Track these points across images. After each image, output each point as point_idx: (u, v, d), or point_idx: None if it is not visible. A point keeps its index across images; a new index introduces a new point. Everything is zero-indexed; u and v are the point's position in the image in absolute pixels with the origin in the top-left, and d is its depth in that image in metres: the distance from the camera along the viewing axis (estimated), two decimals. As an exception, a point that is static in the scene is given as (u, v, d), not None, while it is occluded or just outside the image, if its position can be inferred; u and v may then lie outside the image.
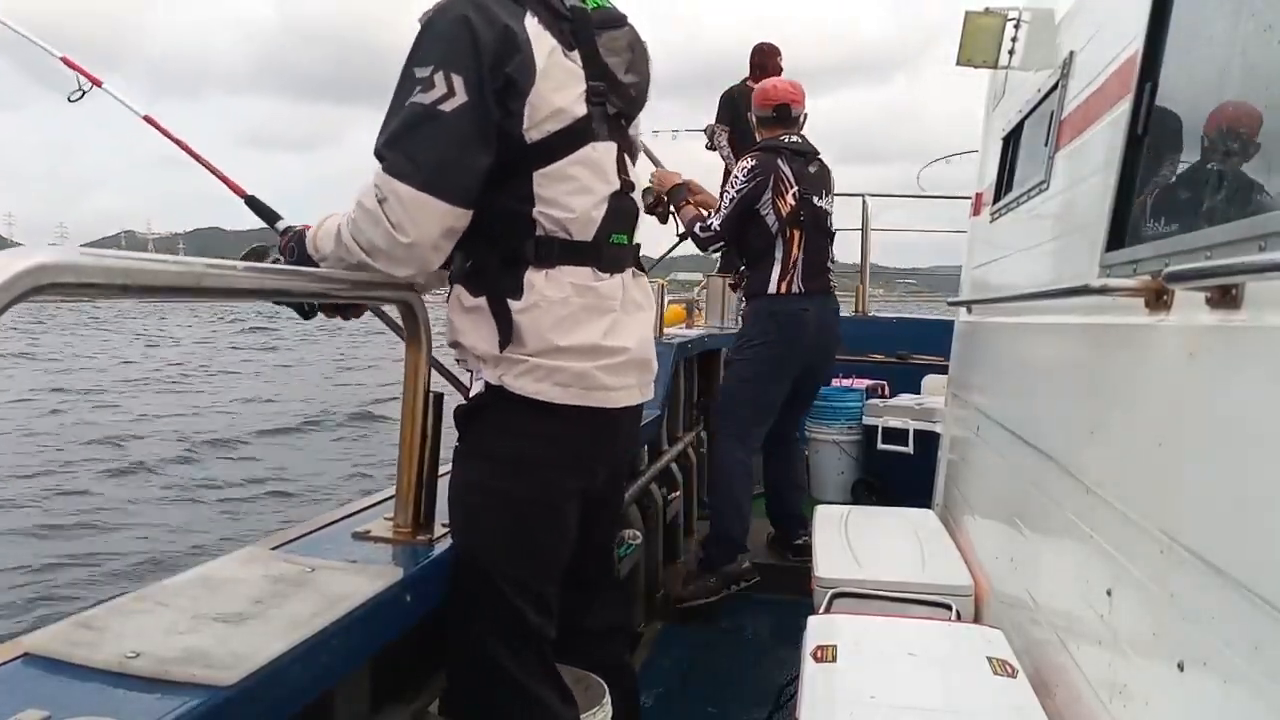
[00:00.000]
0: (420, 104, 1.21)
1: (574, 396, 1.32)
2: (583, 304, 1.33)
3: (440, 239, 1.26)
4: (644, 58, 1.47)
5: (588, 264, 1.34)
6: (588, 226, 1.34)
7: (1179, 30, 1.37)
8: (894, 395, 4.78)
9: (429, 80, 1.21)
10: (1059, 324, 1.78)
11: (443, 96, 1.21)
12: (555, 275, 1.31)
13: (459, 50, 1.22)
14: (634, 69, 1.43)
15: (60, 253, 0.76)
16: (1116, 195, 1.45)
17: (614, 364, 1.36)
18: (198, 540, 6.48)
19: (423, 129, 1.22)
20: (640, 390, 1.45)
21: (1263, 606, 0.84)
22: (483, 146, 1.24)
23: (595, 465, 1.45)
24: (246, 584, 1.14)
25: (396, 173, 1.21)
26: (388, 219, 1.22)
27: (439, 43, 1.23)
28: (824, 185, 3.52)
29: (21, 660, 0.89)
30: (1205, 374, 1.05)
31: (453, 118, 1.21)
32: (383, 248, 1.24)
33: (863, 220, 5.82)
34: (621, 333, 1.38)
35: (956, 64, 2.63)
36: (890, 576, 2.23)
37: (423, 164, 1.21)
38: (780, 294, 3.34)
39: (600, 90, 1.34)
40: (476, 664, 1.36)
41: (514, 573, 1.35)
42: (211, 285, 0.99)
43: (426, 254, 1.26)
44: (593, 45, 1.35)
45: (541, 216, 1.31)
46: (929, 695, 1.53)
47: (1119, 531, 1.26)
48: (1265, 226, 0.90)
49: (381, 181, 1.22)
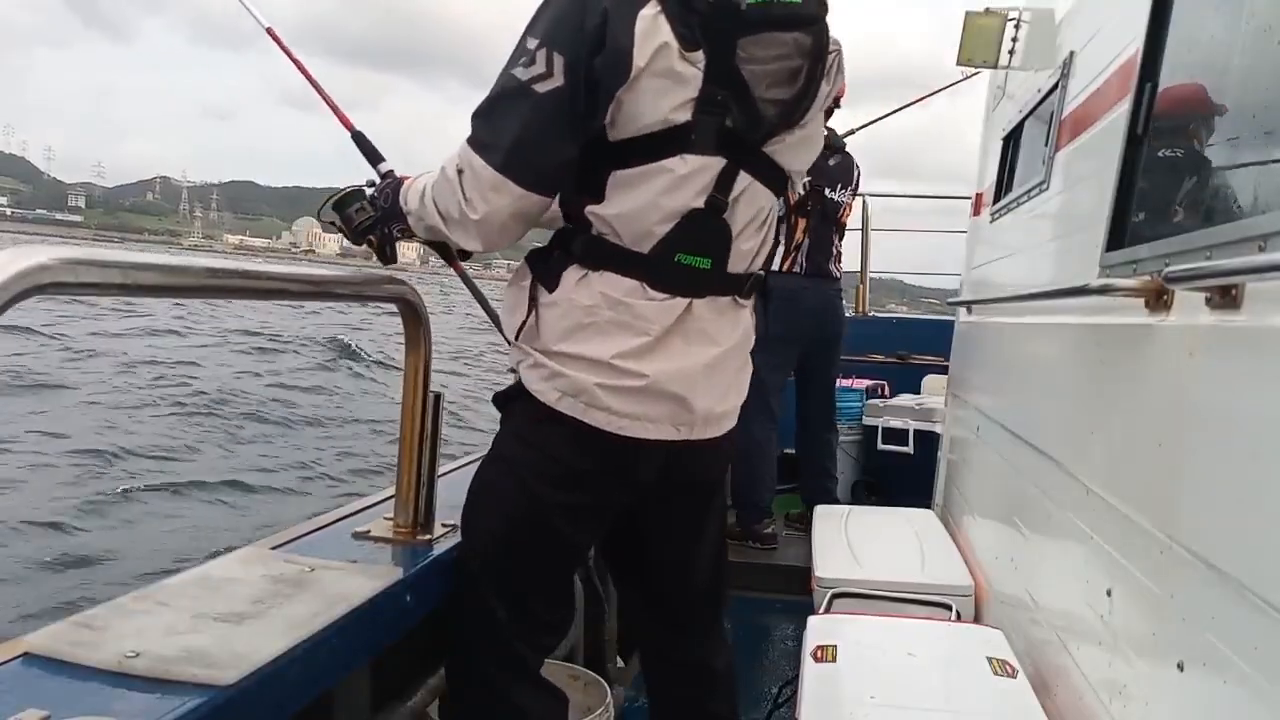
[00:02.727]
0: (518, 78, 1.17)
1: (571, 408, 1.24)
2: (611, 317, 1.22)
3: (509, 220, 1.22)
4: (815, 72, 1.27)
5: (636, 277, 1.23)
6: (644, 238, 1.22)
7: (1179, 30, 1.37)
8: (894, 395, 4.77)
9: (533, 54, 1.16)
10: (1059, 324, 1.78)
11: (541, 75, 1.15)
12: (592, 280, 1.23)
13: (567, 29, 1.15)
14: (790, 82, 1.25)
15: (60, 252, 0.76)
16: (1116, 195, 1.45)
17: (624, 387, 1.23)
18: (197, 540, 6.48)
19: (513, 106, 1.17)
20: (675, 426, 1.28)
21: (1263, 606, 0.84)
22: (569, 137, 1.19)
23: (603, 488, 1.32)
24: (246, 584, 1.14)
25: (479, 146, 1.19)
26: (462, 190, 1.20)
27: (552, 15, 1.17)
28: (841, 179, 3.60)
29: (21, 660, 0.89)
30: (1205, 374, 1.05)
31: (545, 100, 1.15)
32: (455, 216, 1.22)
33: (863, 220, 5.82)
34: (652, 359, 1.23)
35: (956, 64, 2.63)
36: (890, 576, 2.23)
37: (505, 142, 1.17)
38: (780, 272, 3.42)
39: (718, 100, 1.19)
40: (465, 668, 1.35)
41: (502, 578, 1.32)
42: (211, 285, 0.99)
43: (492, 233, 1.23)
44: (728, 48, 1.19)
45: (594, 216, 1.23)
46: (929, 695, 1.53)
47: (1119, 531, 1.26)
48: (1265, 226, 0.90)
49: (463, 151, 1.20)
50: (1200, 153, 1.26)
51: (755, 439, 3.49)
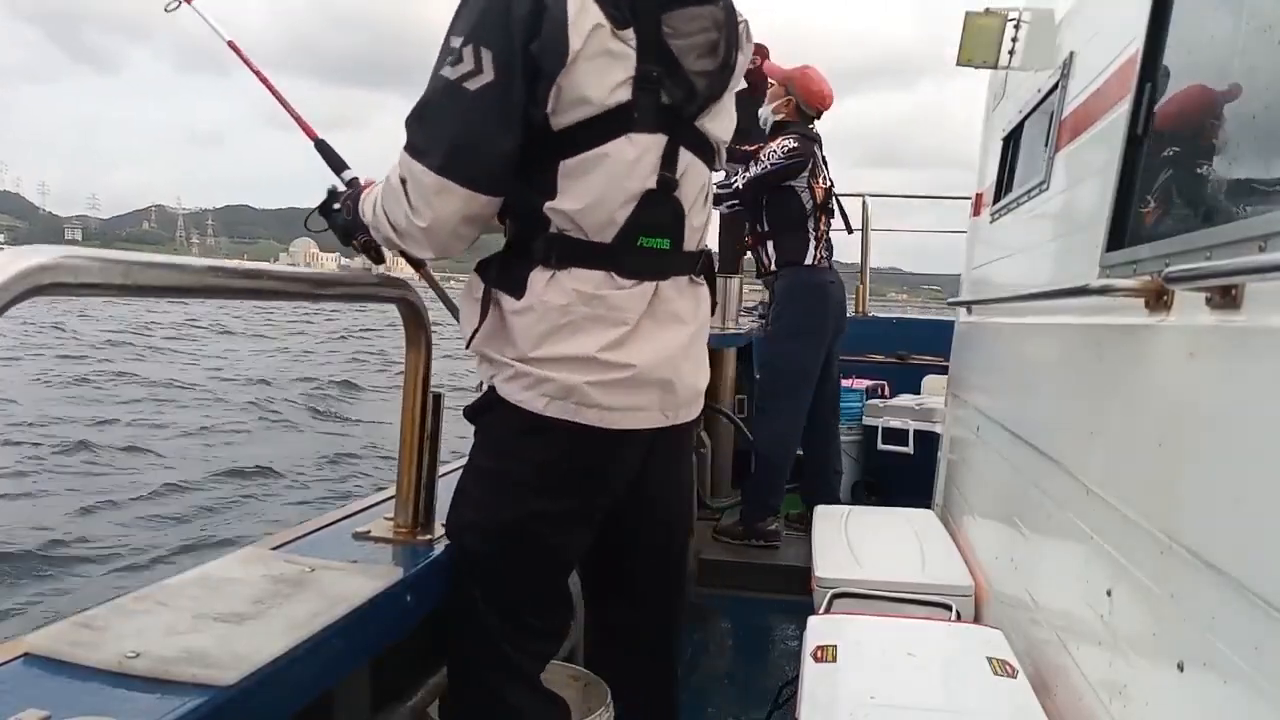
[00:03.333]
0: (446, 78, 1.15)
1: (561, 410, 1.21)
2: (587, 313, 1.21)
3: (460, 225, 1.20)
4: (732, 42, 1.28)
5: (603, 268, 1.22)
6: (607, 227, 1.21)
7: (1179, 30, 1.37)
8: (894, 395, 4.78)
9: (459, 53, 1.14)
10: (1059, 324, 1.78)
11: (470, 73, 1.14)
12: (561, 279, 1.21)
13: (491, 22, 1.14)
14: (712, 54, 1.26)
15: (60, 253, 0.76)
16: (1116, 195, 1.45)
17: (612, 380, 1.22)
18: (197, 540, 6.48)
19: (445, 107, 1.16)
20: (663, 413, 1.30)
21: (1263, 606, 0.84)
22: (507, 130, 1.16)
23: (593, 489, 1.33)
24: (246, 584, 1.14)
25: (415, 152, 1.16)
26: (407, 199, 1.18)
27: (474, 11, 1.15)
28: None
29: (21, 660, 0.89)
30: (1205, 374, 1.05)
31: (476, 97, 1.14)
32: (403, 227, 1.20)
33: (863, 221, 5.83)
34: (634, 348, 1.23)
35: (957, 64, 2.63)
36: (890, 577, 2.23)
37: (440, 145, 1.15)
38: (815, 264, 3.65)
39: (653, 76, 1.19)
40: (464, 670, 1.35)
41: (491, 589, 1.31)
42: (212, 285, 0.99)
43: (444, 239, 1.21)
44: (655, 24, 1.19)
45: (552, 212, 1.20)
46: (929, 695, 1.53)
47: (1119, 531, 1.26)
48: (1265, 226, 0.90)
49: (402, 160, 1.18)
50: (1200, 153, 1.26)
51: (781, 436, 3.59)
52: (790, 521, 3.82)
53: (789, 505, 3.88)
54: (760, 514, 3.61)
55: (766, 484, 3.63)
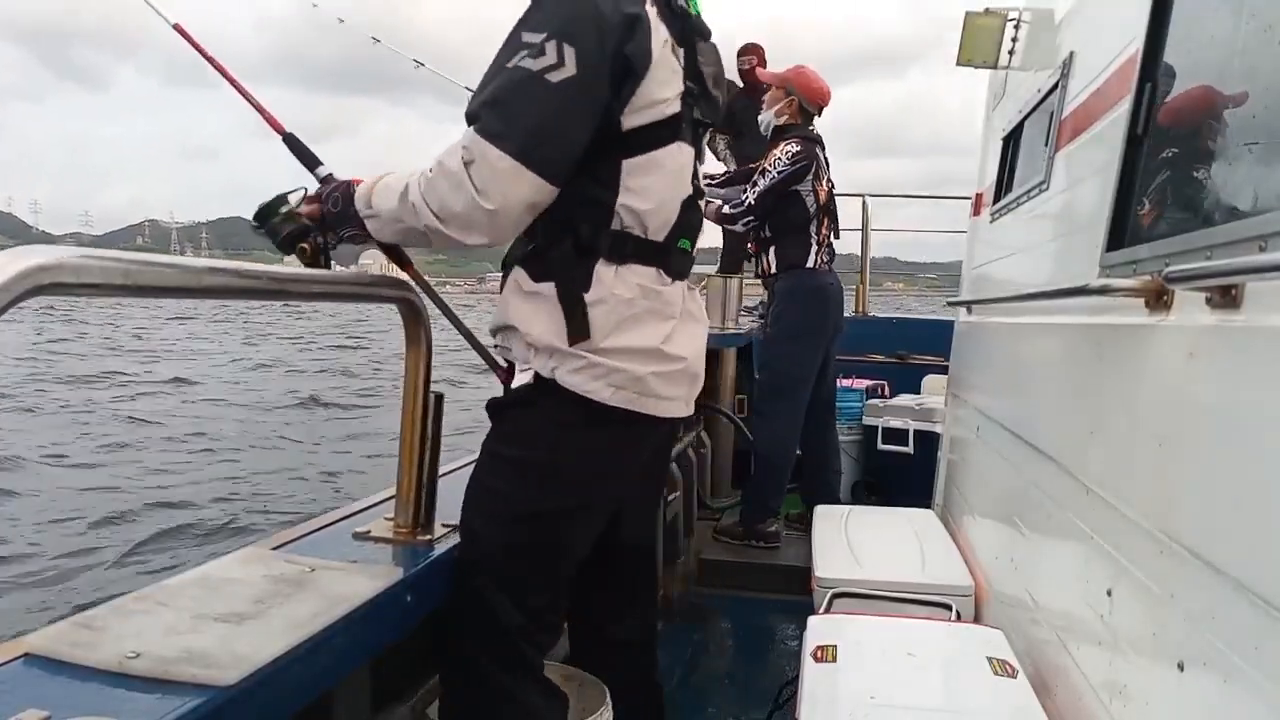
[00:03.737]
0: (526, 70, 1.16)
1: (626, 400, 1.27)
2: (648, 306, 1.29)
3: (524, 212, 1.21)
4: (724, 76, 1.44)
5: (656, 265, 1.31)
6: (662, 227, 1.31)
7: (1179, 30, 1.37)
8: (894, 395, 4.78)
9: (539, 47, 1.16)
10: (1059, 324, 1.78)
11: (551, 66, 1.16)
12: (625, 273, 1.27)
13: (580, 23, 1.17)
14: (719, 84, 1.41)
15: (60, 253, 0.76)
16: (1116, 195, 1.45)
17: (669, 372, 1.31)
18: (197, 540, 6.48)
19: (526, 94, 1.16)
20: (686, 403, 1.39)
21: (1263, 606, 0.84)
22: (584, 125, 1.20)
23: (633, 477, 1.41)
24: (247, 584, 1.14)
25: (491, 134, 1.16)
26: (472, 182, 1.16)
27: (560, 12, 1.18)
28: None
29: (21, 660, 0.90)
30: (1205, 374, 1.05)
31: (558, 89, 1.16)
32: (459, 211, 1.18)
33: (863, 220, 5.83)
34: (680, 341, 1.33)
35: (957, 64, 2.64)
36: (890, 576, 2.23)
37: (521, 130, 1.16)
38: (816, 268, 3.66)
39: (694, 94, 1.32)
40: (464, 670, 1.35)
41: (504, 582, 1.32)
42: (211, 285, 0.99)
43: (506, 225, 1.21)
44: (694, 48, 1.32)
45: (622, 209, 1.27)
46: (929, 695, 1.53)
47: (1119, 531, 1.26)
48: (1265, 226, 0.90)
49: (472, 142, 1.17)
50: (1200, 153, 1.26)
51: (780, 437, 3.58)
52: (790, 521, 3.83)
53: (789, 505, 3.88)
54: (760, 516, 3.61)
55: (767, 486, 3.63)
